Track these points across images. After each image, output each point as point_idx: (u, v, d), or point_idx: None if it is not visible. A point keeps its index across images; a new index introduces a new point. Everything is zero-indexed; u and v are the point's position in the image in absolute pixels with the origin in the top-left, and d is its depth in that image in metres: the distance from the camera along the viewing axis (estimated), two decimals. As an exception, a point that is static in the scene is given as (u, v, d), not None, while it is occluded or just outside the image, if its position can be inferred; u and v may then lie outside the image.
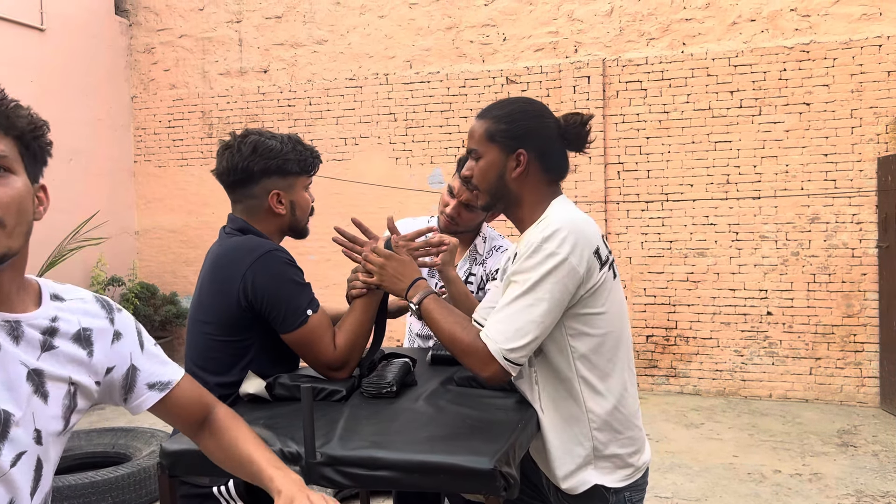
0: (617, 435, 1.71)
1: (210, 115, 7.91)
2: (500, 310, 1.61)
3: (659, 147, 6.41)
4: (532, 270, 1.58)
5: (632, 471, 1.74)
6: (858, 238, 5.95)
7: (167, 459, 1.55)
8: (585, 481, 1.71)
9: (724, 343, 6.32)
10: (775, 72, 6.10)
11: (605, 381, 1.69)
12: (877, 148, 5.87)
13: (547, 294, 1.57)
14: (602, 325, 1.67)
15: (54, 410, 1.17)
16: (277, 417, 1.67)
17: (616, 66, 6.52)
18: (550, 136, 1.74)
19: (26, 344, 1.13)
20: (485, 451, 1.41)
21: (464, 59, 7.01)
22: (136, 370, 1.32)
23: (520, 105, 1.77)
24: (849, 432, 5.33)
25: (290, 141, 1.96)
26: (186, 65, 8.03)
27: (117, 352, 1.29)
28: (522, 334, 1.57)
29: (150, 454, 4.29)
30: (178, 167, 7.97)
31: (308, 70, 7.56)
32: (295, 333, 1.83)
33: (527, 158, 1.71)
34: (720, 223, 6.29)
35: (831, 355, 6.05)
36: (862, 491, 4.25)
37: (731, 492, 4.28)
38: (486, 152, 1.75)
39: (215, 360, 1.88)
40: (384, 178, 7.15)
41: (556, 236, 1.59)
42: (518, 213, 1.78)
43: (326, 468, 1.44)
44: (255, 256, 1.84)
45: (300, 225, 2.03)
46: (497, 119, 1.75)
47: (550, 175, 1.76)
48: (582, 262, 1.60)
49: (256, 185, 1.95)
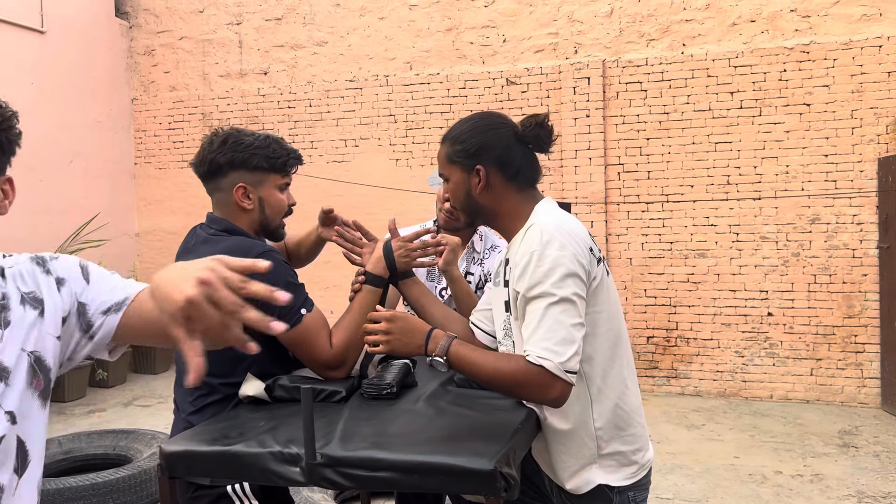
0: (619, 432, 1.71)
1: (210, 117, 7.92)
2: (536, 327, 1.56)
3: (659, 148, 6.40)
4: (547, 279, 1.57)
5: (636, 468, 1.74)
6: (859, 239, 5.94)
7: (166, 460, 1.55)
8: (590, 481, 1.71)
9: (724, 344, 6.32)
10: (775, 72, 6.10)
11: (606, 379, 1.70)
12: (877, 148, 5.87)
13: (573, 296, 1.57)
14: (601, 323, 1.67)
15: (21, 388, 1.14)
16: (277, 419, 1.67)
17: (616, 68, 6.52)
18: (506, 145, 1.76)
19: None
20: (485, 452, 1.41)
21: (464, 60, 7.02)
22: (86, 305, 1.24)
23: (472, 122, 1.81)
24: (850, 433, 5.33)
25: (267, 139, 1.97)
26: (187, 67, 8.03)
27: (65, 297, 1.22)
28: (570, 342, 1.55)
29: (150, 456, 4.29)
30: (179, 169, 7.97)
31: (308, 72, 7.56)
32: (289, 333, 1.84)
33: (485, 172, 1.74)
34: (721, 224, 6.29)
35: (832, 356, 6.04)
36: (863, 492, 4.24)
37: (732, 493, 4.27)
38: (450, 174, 1.80)
39: (217, 362, 1.88)
40: (384, 179, 7.15)
41: (554, 240, 1.60)
42: (499, 225, 1.82)
43: (327, 469, 1.44)
44: (252, 257, 1.85)
45: (271, 224, 2.02)
46: (453, 141, 1.80)
47: (519, 182, 1.77)
48: (584, 261, 1.61)
49: (224, 177, 1.96)
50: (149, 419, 6.00)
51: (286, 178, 2.00)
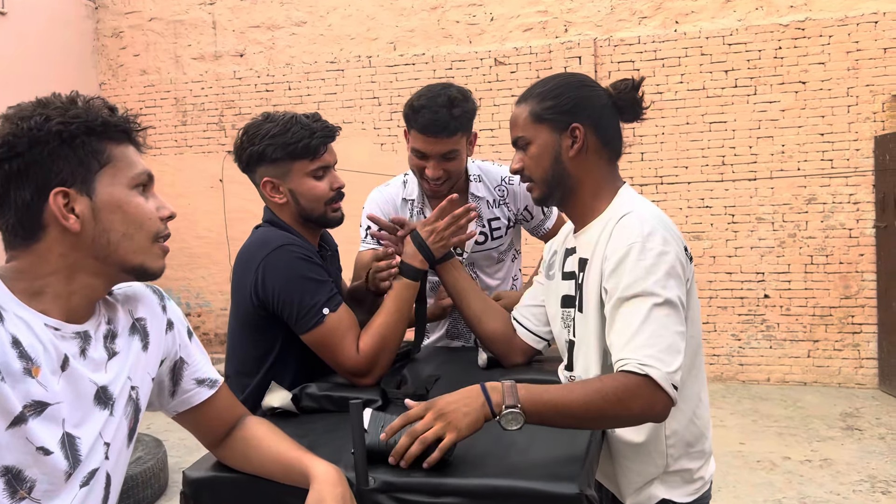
0: (689, 448, 1.54)
1: (184, 102, 7.59)
2: (637, 331, 1.31)
3: (652, 129, 6.25)
4: (650, 276, 1.34)
5: (700, 484, 1.57)
6: (856, 218, 5.87)
7: (191, 488, 1.34)
8: (652, 496, 1.54)
9: (721, 327, 6.22)
10: (770, 50, 5.97)
11: (683, 391, 1.50)
12: (873, 127, 5.79)
13: (676, 299, 1.35)
14: (687, 329, 1.48)
15: (119, 420, 1.09)
16: (311, 434, 1.46)
17: (608, 46, 6.34)
18: (603, 104, 1.54)
19: (92, 355, 1.06)
20: (564, 474, 1.22)
21: (450, 40, 6.78)
22: (185, 363, 1.24)
23: (562, 78, 1.59)
24: (851, 415, 5.26)
25: (288, 123, 1.74)
26: (157, 49, 7.68)
27: (169, 342, 1.21)
28: (676, 350, 1.31)
29: (136, 461, 4.04)
30: (151, 157, 7.62)
31: (286, 53, 7.27)
32: (311, 334, 1.66)
33: (583, 132, 1.51)
34: (716, 206, 6.17)
35: (829, 337, 5.98)
36: (875, 476, 4.16)
37: (743, 481, 4.16)
38: (535, 136, 1.54)
39: (240, 360, 1.78)
40: (369, 164, 6.89)
41: (656, 233, 1.38)
42: (577, 203, 1.57)
43: (381, 495, 1.24)
44: (266, 252, 1.68)
45: (313, 214, 1.80)
46: (541, 97, 1.55)
47: (610, 150, 1.56)
48: (683, 262, 1.42)
49: (254, 173, 1.80)
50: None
51: (317, 162, 1.76)
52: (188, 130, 7.56)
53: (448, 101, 1.96)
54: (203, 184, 7.48)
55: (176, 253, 7.68)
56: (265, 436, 1.29)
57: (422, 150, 2.02)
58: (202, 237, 7.44)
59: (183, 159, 7.58)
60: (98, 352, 1.07)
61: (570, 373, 1.59)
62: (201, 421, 1.29)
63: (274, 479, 1.27)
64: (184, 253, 7.60)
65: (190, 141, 7.57)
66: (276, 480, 1.27)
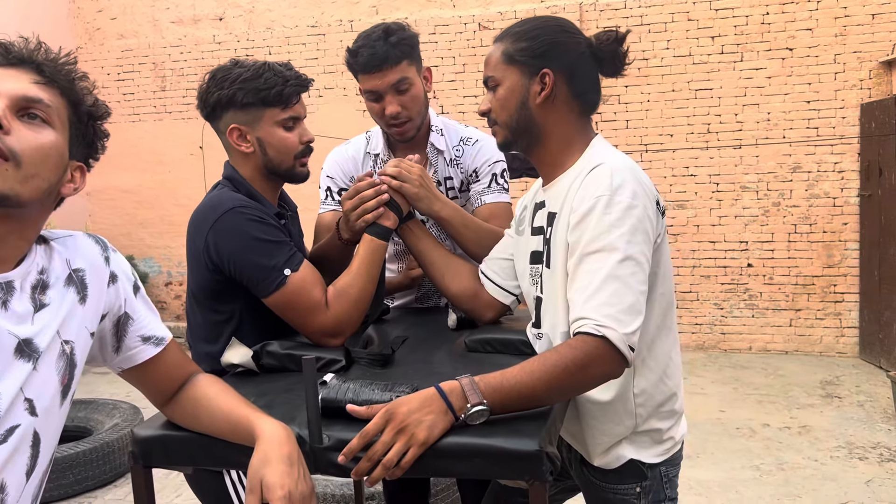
0: (659, 408, 1.50)
1: (163, 67, 7.42)
2: (599, 288, 1.26)
3: (638, 96, 6.18)
4: (615, 229, 1.29)
5: (670, 444, 1.53)
6: (840, 187, 5.85)
7: (140, 447, 1.28)
8: (621, 456, 1.50)
9: (703, 296, 6.21)
10: (758, 16, 5.89)
11: (653, 349, 1.46)
12: (860, 94, 5.74)
13: (641, 256, 1.30)
14: (657, 285, 1.43)
15: (47, 375, 1.03)
16: (270, 394, 1.41)
17: (594, 11, 6.24)
18: (580, 53, 1.46)
19: (15, 307, 1.00)
20: (525, 431, 1.19)
21: (433, 3, 6.65)
22: (129, 318, 1.19)
23: (541, 20, 1.51)
24: (832, 383, 5.29)
25: (261, 68, 1.67)
26: (135, 12, 7.49)
27: (112, 296, 1.16)
28: (636, 311, 1.27)
29: (112, 427, 4.00)
30: (130, 123, 7.48)
31: (267, 17, 7.11)
32: (275, 297, 1.59)
33: (552, 80, 1.43)
34: (700, 174, 6.13)
35: (811, 306, 5.99)
36: (852, 442, 4.18)
37: (722, 448, 4.17)
38: (504, 77, 1.47)
39: (200, 326, 1.70)
40: (351, 131, 6.72)
41: (626, 185, 1.32)
42: (542, 153, 1.51)
43: (336, 454, 1.20)
44: (217, 215, 1.61)
45: (280, 167, 1.72)
46: (515, 37, 1.47)
47: (582, 103, 1.49)
48: (652, 217, 1.36)
49: (219, 119, 1.71)
50: (108, 387, 5.67)
51: (288, 111, 1.68)
52: (167, 96, 7.41)
53: (383, 33, 1.89)
54: (183, 150, 7.35)
55: (156, 221, 7.57)
56: (215, 395, 1.24)
57: (372, 89, 1.93)
58: (182, 205, 7.33)
59: (163, 125, 7.43)
60: (23, 304, 1.01)
61: (538, 329, 1.54)
62: (147, 380, 1.24)
63: (223, 439, 1.22)
64: (164, 221, 7.50)
65: (169, 107, 7.42)
66: (226, 440, 1.22)
